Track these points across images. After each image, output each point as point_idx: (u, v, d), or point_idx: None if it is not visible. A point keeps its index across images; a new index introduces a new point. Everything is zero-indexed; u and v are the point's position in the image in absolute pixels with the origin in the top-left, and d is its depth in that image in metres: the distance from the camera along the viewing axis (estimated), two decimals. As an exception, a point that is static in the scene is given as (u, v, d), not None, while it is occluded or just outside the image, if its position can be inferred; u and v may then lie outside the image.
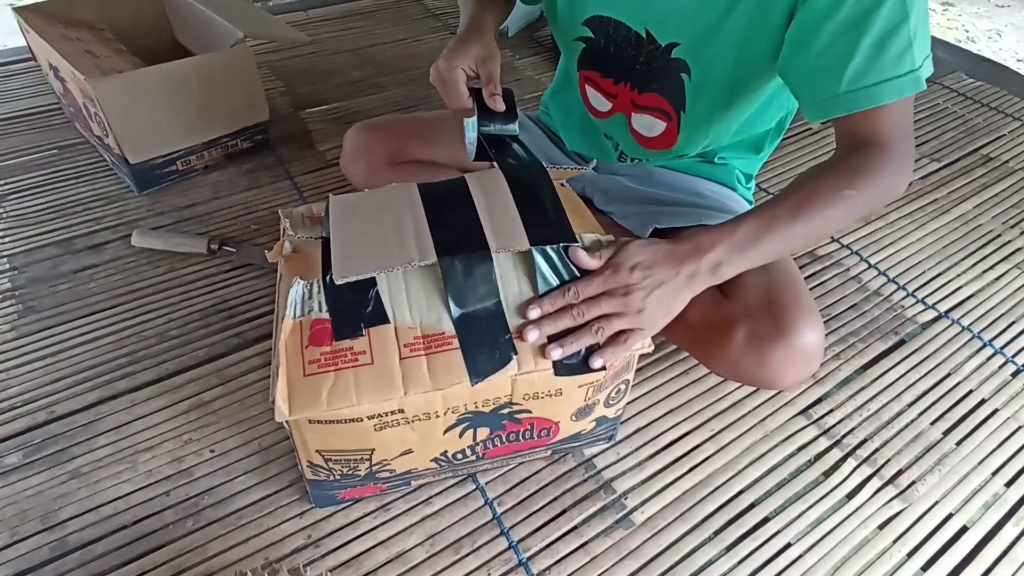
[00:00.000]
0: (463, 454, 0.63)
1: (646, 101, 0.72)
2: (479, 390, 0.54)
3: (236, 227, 1.03)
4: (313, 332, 0.53)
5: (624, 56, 0.70)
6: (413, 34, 1.63)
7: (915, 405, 0.81)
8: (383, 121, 0.94)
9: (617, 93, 0.74)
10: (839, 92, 0.56)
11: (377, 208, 0.59)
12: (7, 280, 0.93)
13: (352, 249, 0.54)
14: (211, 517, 0.68)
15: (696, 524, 0.69)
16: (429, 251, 0.53)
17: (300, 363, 0.52)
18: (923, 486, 0.73)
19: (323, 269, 0.54)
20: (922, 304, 0.94)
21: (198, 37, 1.21)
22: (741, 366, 0.67)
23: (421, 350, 0.53)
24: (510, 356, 0.54)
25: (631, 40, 0.68)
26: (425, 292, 0.55)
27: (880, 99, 0.55)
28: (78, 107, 1.07)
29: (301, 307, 0.53)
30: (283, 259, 0.60)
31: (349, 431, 0.54)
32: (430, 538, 0.66)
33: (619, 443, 0.75)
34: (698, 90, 0.67)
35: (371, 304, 0.53)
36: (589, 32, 0.71)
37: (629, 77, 0.71)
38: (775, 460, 0.75)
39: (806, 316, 0.65)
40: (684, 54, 0.65)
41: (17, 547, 0.65)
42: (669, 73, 0.67)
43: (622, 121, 0.76)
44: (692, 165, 0.81)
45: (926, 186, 1.16)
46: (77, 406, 0.77)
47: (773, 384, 0.69)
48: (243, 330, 0.87)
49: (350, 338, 0.53)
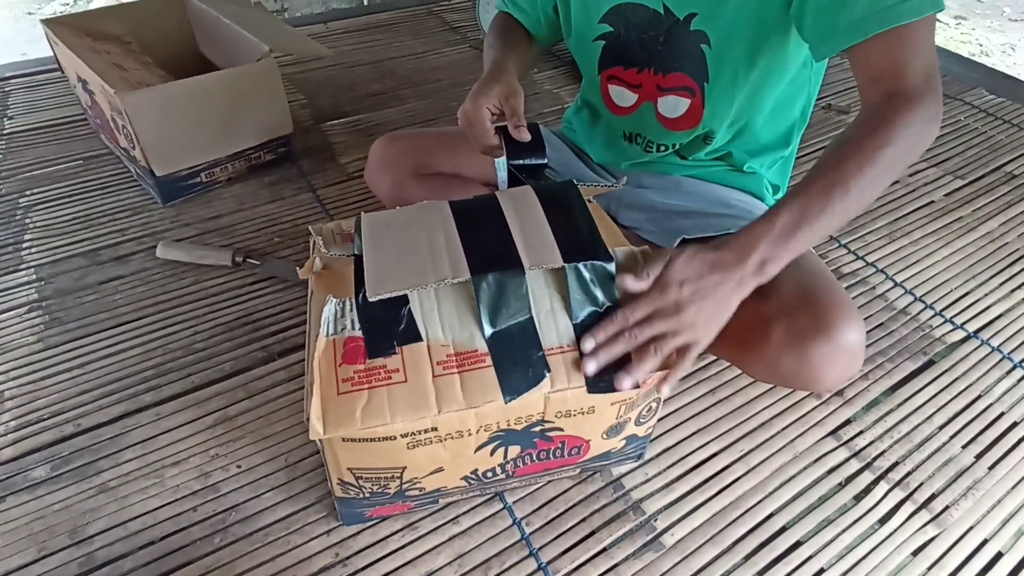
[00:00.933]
0: (493, 472, 0.63)
1: (670, 82, 0.73)
2: (512, 408, 0.54)
3: (259, 239, 1.04)
4: (347, 350, 0.52)
5: (646, 39, 0.72)
6: (432, 47, 1.64)
7: (946, 428, 0.80)
8: (408, 134, 0.95)
9: (641, 82, 0.75)
10: (856, 18, 0.55)
11: (409, 225, 0.59)
12: (34, 291, 0.93)
13: (385, 266, 0.54)
14: (238, 534, 0.67)
15: (727, 547, 0.68)
16: (462, 268, 0.53)
17: (334, 381, 0.52)
18: (957, 511, 0.72)
19: (356, 287, 0.54)
20: (950, 324, 0.93)
21: (222, 50, 1.22)
22: (781, 365, 0.65)
23: (454, 368, 0.53)
24: (543, 373, 0.53)
25: (650, 20, 0.70)
26: (458, 310, 0.54)
27: (900, 18, 0.54)
28: (105, 119, 1.08)
29: (334, 325, 0.53)
30: (314, 276, 0.60)
31: (382, 449, 0.54)
32: (458, 558, 0.66)
33: (647, 463, 0.75)
34: (719, 58, 0.68)
35: (404, 322, 0.53)
36: (608, 27, 0.73)
37: (651, 61, 0.73)
38: (805, 482, 0.74)
39: (847, 312, 0.64)
40: (702, 24, 0.67)
41: (45, 562, 0.65)
42: (690, 46, 0.69)
43: (649, 110, 0.77)
44: (721, 174, 0.81)
45: (950, 203, 1.15)
46: (103, 419, 0.77)
47: (814, 383, 0.66)
48: (268, 343, 0.87)
49: (383, 356, 0.52)
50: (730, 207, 0.80)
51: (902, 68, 0.55)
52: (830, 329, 0.63)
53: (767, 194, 0.82)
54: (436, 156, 0.90)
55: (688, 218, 0.79)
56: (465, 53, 1.61)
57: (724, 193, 0.81)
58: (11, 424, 0.76)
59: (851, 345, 0.64)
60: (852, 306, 0.66)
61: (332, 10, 1.82)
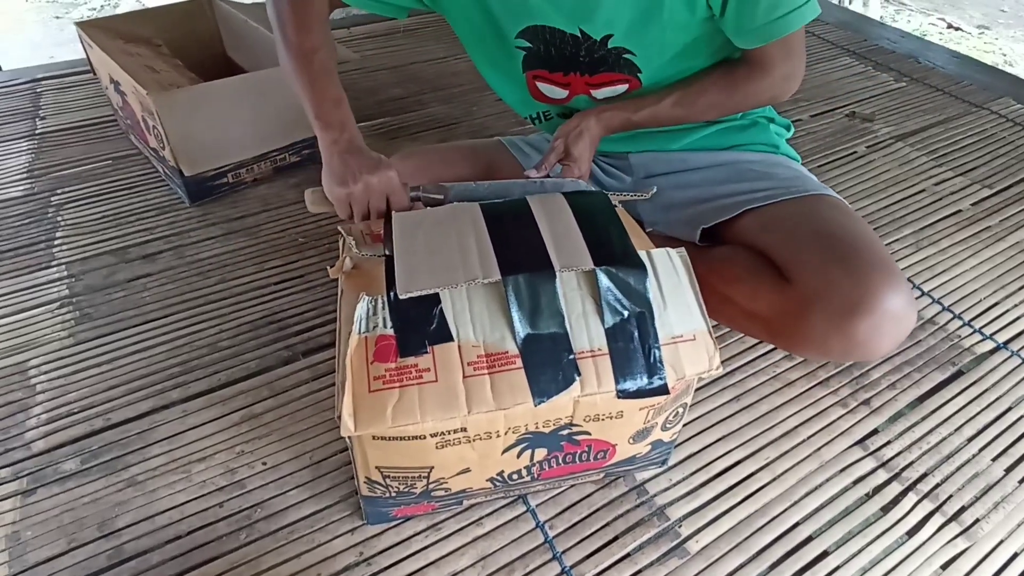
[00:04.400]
0: (519, 474, 0.63)
1: (600, 79, 0.76)
2: (541, 411, 0.53)
3: (284, 240, 1.05)
4: (378, 348, 0.53)
5: (565, 55, 0.74)
6: (454, 52, 1.65)
7: (975, 440, 0.79)
8: (421, 150, 0.96)
9: (570, 82, 0.77)
10: (755, 25, 0.66)
11: (440, 226, 0.59)
12: (65, 287, 0.95)
13: (416, 265, 0.55)
14: (263, 530, 0.68)
15: (753, 555, 0.67)
16: (493, 269, 0.54)
17: (365, 379, 0.52)
18: (987, 524, 0.71)
19: (387, 286, 0.54)
20: (979, 334, 0.92)
21: (250, 53, 1.24)
22: (830, 347, 0.64)
23: (484, 369, 0.53)
24: (573, 377, 0.53)
25: (568, 41, 0.72)
26: (488, 310, 0.54)
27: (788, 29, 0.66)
28: (136, 120, 1.10)
29: (366, 322, 0.53)
30: (344, 276, 0.60)
31: (411, 448, 0.54)
32: (482, 560, 0.66)
33: (671, 469, 0.74)
34: (648, 59, 0.73)
35: (435, 321, 0.53)
36: (526, 42, 0.75)
37: (576, 68, 0.75)
38: (832, 492, 0.73)
39: (883, 275, 0.60)
40: (621, 42, 0.70)
41: (74, 554, 0.65)
42: (613, 58, 0.72)
43: (584, 101, 0.79)
44: (725, 134, 0.82)
45: (978, 213, 1.14)
46: (132, 414, 0.78)
47: (871, 356, 0.64)
48: (293, 343, 0.88)
49: (415, 355, 0.52)
50: (743, 176, 0.79)
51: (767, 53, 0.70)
52: (869, 301, 0.59)
53: (779, 140, 0.83)
54: (450, 171, 0.91)
55: (702, 203, 0.79)
56: (487, 58, 1.62)
57: (736, 159, 0.81)
58: (42, 417, 0.78)
59: (897, 310, 0.60)
60: (888, 265, 0.62)
61: (351, 16, 1.84)
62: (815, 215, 0.71)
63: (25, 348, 0.86)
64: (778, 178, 0.77)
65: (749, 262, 0.72)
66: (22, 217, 1.07)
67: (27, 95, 1.40)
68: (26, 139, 1.26)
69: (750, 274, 0.70)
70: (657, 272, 0.57)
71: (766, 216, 0.73)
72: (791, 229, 0.70)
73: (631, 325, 0.55)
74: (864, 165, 1.25)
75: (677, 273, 0.57)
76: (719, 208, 0.76)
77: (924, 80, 1.55)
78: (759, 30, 0.67)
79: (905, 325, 0.62)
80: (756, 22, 0.66)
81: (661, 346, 0.55)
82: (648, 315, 0.55)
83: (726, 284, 0.71)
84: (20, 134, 1.28)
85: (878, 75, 1.58)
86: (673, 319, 0.56)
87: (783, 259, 0.68)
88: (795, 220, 0.71)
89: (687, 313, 0.56)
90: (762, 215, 0.73)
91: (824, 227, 0.68)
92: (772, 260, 0.70)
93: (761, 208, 0.74)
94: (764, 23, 0.66)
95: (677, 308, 0.56)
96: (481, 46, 0.81)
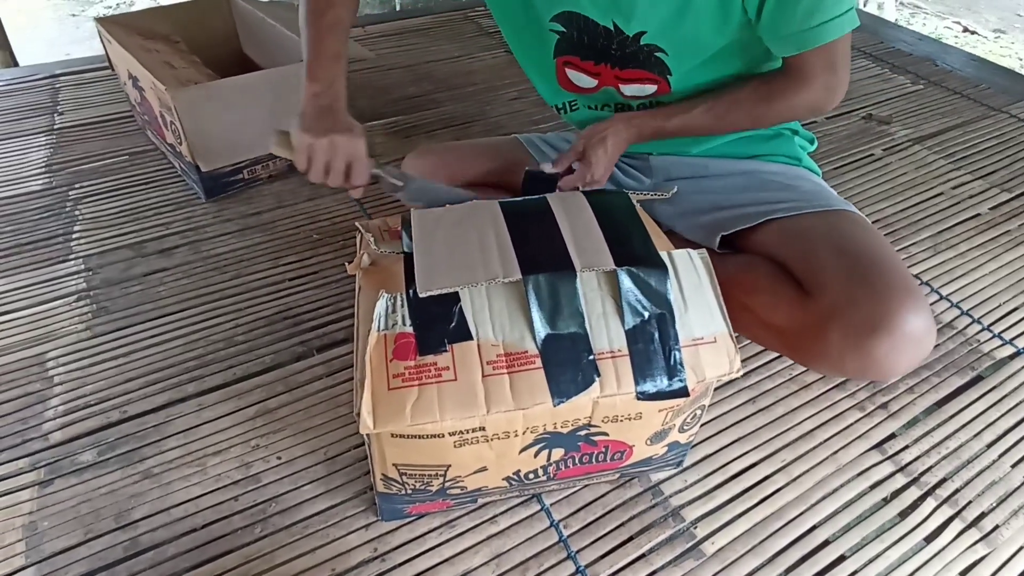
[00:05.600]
0: (535, 474, 0.62)
1: (630, 75, 0.75)
2: (560, 411, 0.53)
3: (298, 236, 1.05)
4: (397, 346, 0.52)
5: (598, 45, 0.74)
6: (468, 51, 1.65)
7: (995, 445, 0.78)
8: (442, 147, 0.96)
9: (600, 72, 0.77)
10: (792, 31, 0.65)
11: (460, 223, 0.59)
12: (83, 280, 0.96)
13: (435, 263, 0.54)
14: (278, 525, 0.68)
15: (769, 558, 0.67)
16: (513, 268, 0.53)
17: (385, 376, 0.51)
18: (1007, 530, 0.70)
19: (407, 283, 0.54)
20: (999, 339, 0.91)
21: (266, 51, 1.24)
22: (845, 364, 0.63)
23: (504, 368, 0.52)
24: (593, 378, 0.53)
25: (601, 32, 0.72)
26: (508, 309, 0.54)
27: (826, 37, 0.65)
28: (154, 115, 1.10)
29: (386, 320, 0.53)
30: (362, 272, 0.60)
31: (429, 446, 0.54)
32: (496, 558, 0.65)
33: (686, 470, 0.74)
34: (679, 59, 0.72)
35: (455, 320, 0.53)
36: (560, 26, 0.75)
37: (607, 60, 0.75)
38: (849, 496, 0.72)
39: (904, 296, 0.60)
40: (654, 39, 0.70)
41: (91, 544, 0.66)
42: (644, 55, 0.72)
43: (611, 92, 0.79)
44: (749, 144, 0.81)
45: (997, 217, 1.13)
46: (148, 407, 0.79)
47: (885, 376, 0.64)
48: (308, 338, 0.88)
49: (434, 353, 0.52)
50: (765, 186, 0.78)
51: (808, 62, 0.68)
52: (890, 321, 0.59)
53: (802, 153, 0.82)
54: (467, 169, 0.91)
55: (723, 210, 0.78)
56: (500, 58, 1.62)
57: (757, 168, 0.81)
58: (60, 409, 0.78)
59: (917, 332, 0.60)
60: (910, 286, 0.61)
61: (365, 15, 1.85)
62: (838, 231, 0.70)
63: (43, 340, 0.87)
64: (800, 191, 0.76)
65: (769, 273, 0.71)
66: (41, 211, 1.08)
67: (46, 90, 1.41)
68: (44, 134, 1.27)
69: (770, 285, 0.70)
70: (678, 273, 0.56)
71: (788, 228, 0.72)
72: (813, 243, 0.69)
73: (651, 326, 0.54)
74: (881, 168, 1.24)
75: (698, 274, 0.57)
76: (740, 216, 0.75)
77: (941, 83, 1.54)
78: (795, 36, 0.66)
79: (924, 347, 0.62)
80: (792, 28, 0.65)
81: (681, 348, 0.54)
82: (669, 317, 0.54)
83: (745, 293, 0.70)
84: (39, 129, 1.29)
85: (895, 77, 1.56)
86: (694, 321, 0.55)
87: (804, 273, 0.68)
88: (817, 234, 0.70)
89: (708, 315, 0.56)
90: (783, 226, 0.73)
91: (847, 244, 0.67)
92: (792, 272, 0.69)
93: (783, 219, 0.73)
94: (801, 29, 0.65)
95: (698, 310, 0.56)
96: (514, 26, 0.81)
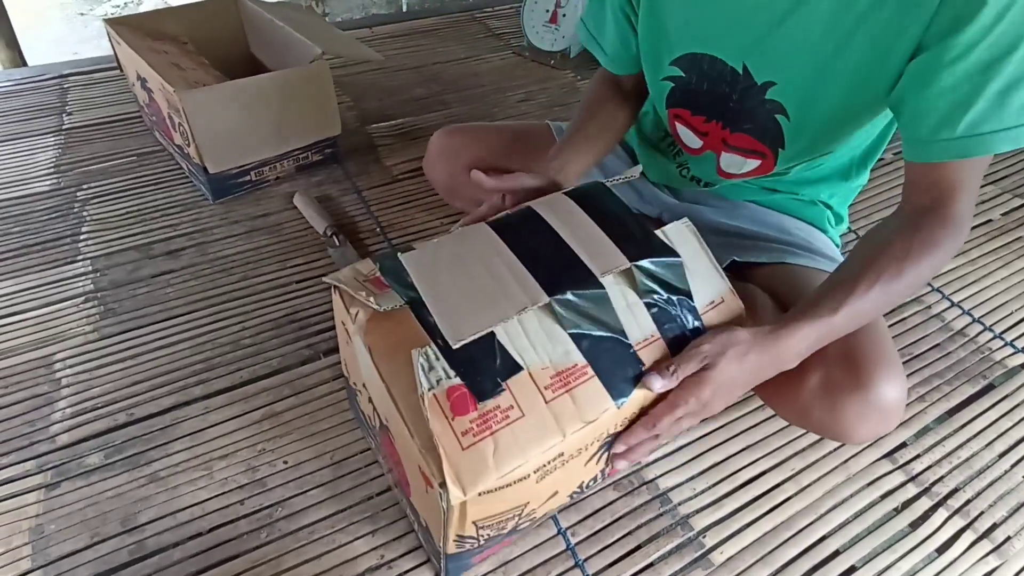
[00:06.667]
0: (595, 480, 0.61)
1: (738, 141, 0.70)
2: (623, 411, 0.53)
3: (307, 238, 1.05)
4: (452, 401, 0.48)
5: (716, 93, 0.68)
6: (475, 53, 1.65)
7: (1007, 455, 0.77)
8: (468, 127, 0.94)
9: (708, 131, 0.72)
10: (954, 136, 0.53)
11: (459, 258, 0.55)
12: (90, 282, 0.96)
13: (455, 307, 0.51)
14: (284, 529, 0.68)
15: (779, 568, 0.66)
16: (537, 292, 0.52)
17: (454, 437, 0.47)
18: (1019, 542, 0.69)
19: (431, 334, 0.50)
20: (1011, 347, 0.90)
21: (274, 52, 1.24)
22: (811, 415, 0.64)
23: (561, 388, 0.51)
24: (640, 369, 0.53)
25: (726, 76, 0.66)
26: (543, 328, 0.52)
27: (995, 148, 0.52)
28: (162, 116, 1.10)
29: (427, 379, 0.48)
30: (363, 333, 0.53)
31: (513, 492, 0.51)
32: (503, 565, 0.65)
33: (695, 478, 0.73)
34: (797, 131, 0.65)
35: (499, 356, 0.51)
36: (679, 71, 0.70)
37: (721, 115, 0.70)
38: (859, 505, 0.71)
39: (888, 368, 0.61)
40: (780, 95, 0.63)
41: (98, 548, 0.66)
42: (763, 114, 0.66)
43: (711, 159, 0.75)
44: (783, 202, 0.79)
45: (1009, 223, 1.12)
46: (154, 410, 0.79)
47: (844, 437, 0.64)
48: (314, 342, 0.88)
49: (493, 396, 0.49)
50: (789, 235, 0.77)
51: (958, 190, 0.55)
52: (867, 385, 0.60)
53: (829, 226, 0.80)
54: (493, 152, 0.90)
55: (743, 239, 0.77)
56: (508, 59, 1.62)
57: (783, 221, 0.79)
58: (67, 411, 0.78)
59: (888, 404, 0.61)
60: (895, 360, 0.63)
61: (372, 15, 1.85)
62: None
63: (51, 342, 0.87)
64: (819, 252, 0.75)
65: (766, 306, 0.70)
66: (48, 212, 1.08)
67: (54, 91, 1.42)
68: (53, 135, 1.28)
69: (764, 316, 0.69)
70: (679, 248, 0.57)
71: (796, 274, 0.71)
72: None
73: (673, 307, 0.56)
74: (891, 172, 1.23)
75: (691, 242, 0.59)
76: (758, 249, 0.74)
77: (952, 87, 1.52)
78: (956, 143, 0.53)
79: (890, 422, 0.63)
80: (956, 132, 0.52)
81: (702, 316, 0.57)
82: (686, 295, 0.56)
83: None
84: (47, 129, 1.29)
85: (905, 81, 1.55)
86: (701, 289, 0.57)
87: None
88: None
89: (710, 278, 0.58)
90: (792, 272, 0.72)
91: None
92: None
93: (794, 267, 0.72)
94: (969, 135, 0.52)
95: (702, 276, 0.58)
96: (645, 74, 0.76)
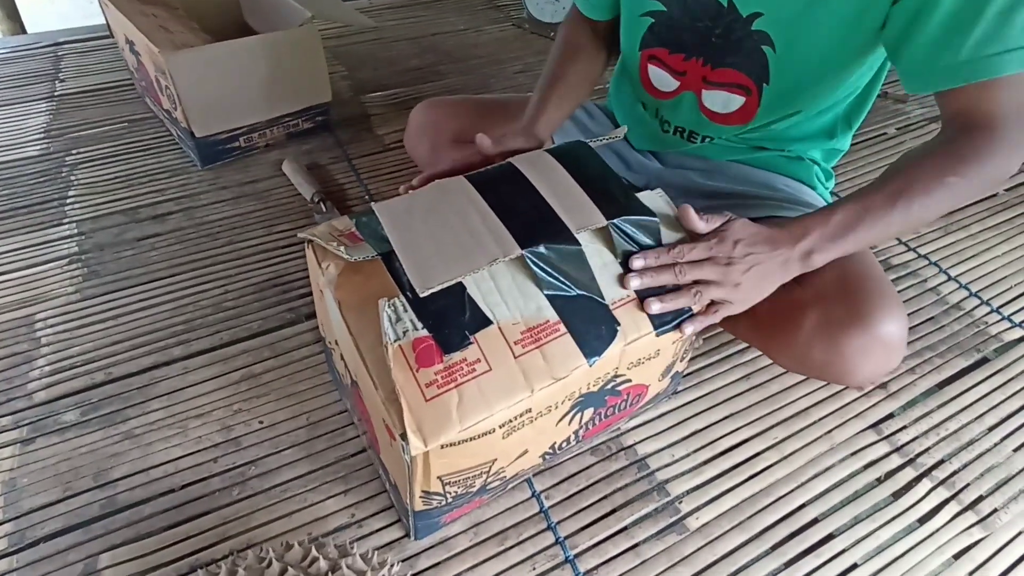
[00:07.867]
0: (567, 442, 0.60)
1: (720, 76, 0.68)
2: (595, 369, 0.51)
3: (294, 204, 1.04)
4: (418, 353, 0.47)
5: (700, 27, 0.66)
6: (474, 24, 1.62)
7: (997, 429, 0.75)
8: (448, 100, 0.93)
9: (687, 70, 0.70)
10: (958, 61, 0.52)
11: (435, 208, 0.54)
12: (75, 244, 0.95)
13: (425, 257, 0.50)
14: (256, 488, 0.67)
15: (755, 535, 0.65)
16: (511, 244, 0.51)
17: (417, 389, 0.47)
18: (1005, 515, 0.67)
19: (400, 286, 0.49)
20: (1007, 321, 0.88)
21: (266, 18, 1.22)
22: (811, 354, 0.62)
23: (532, 344, 0.50)
24: (615, 328, 0.52)
25: (710, 11, 0.64)
26: (516, 284, 0.51)
27: (1003, 70, 0.51)
28: (150, 80, 1.09)
29: (394, 329, 0.48)
30: (333, 287, 0.52)
31: (478, 447, 0.50)
32: (474, 526, 0.64)
33: (674, 444, 0.72)
34: (783, 63, 0.63)
35: (468, 309, 0.49)
36: (660, 5, 0.68)
37: (702, 51, 0.67)
38: (841, 475, 0.70)
39: (888, 302, 0.60)
40: (768, 26, 0.61)
41: (69, 502, 0.66)
42: (749, 46, 0.63)
43: (690, 100, 0.72)
44: (769, 159, 0.77)
45: (1012, 199, 1.09)
46: (133, 369, 0.79)
47: (846, 376, 0.62)
48: (296, 306, 0.87)
49: (460, 349, 0.48)
50: (775, 191, 0.75)
51: (992, 112, 0.54)
52: (867, 319, 0.59)
53: (818, 183, 0.78)
54: (475, 124, 0.88)
55: (733, 198, 0.75)
56: (507, 31, 1.59)
57: (772, 178, 0.77)
58: (46, 369, 0.78)
59: (889, 337, 0.60)
60: (894, 297, 0.61)
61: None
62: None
63: (33, 302, 0.86)
64: (809, 205, 0.73)
65: None
66: (37, 175, 1.08)
67: (48, 58, 1.41)
68: (45, 101, 1.27)
69: None
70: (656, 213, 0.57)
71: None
72: None
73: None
74: (895, 146, 1.20)
75: (663, 210, 0.58)
76: (748, 207, 0.72)
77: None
78: (962, 68, 0.52)
79: (893, 357, 0.62)
80: (960, 56, 0.52)
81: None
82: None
83: None
84: (39, 95, 1.29)
85: (913, 56, 1.51)
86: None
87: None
88: None
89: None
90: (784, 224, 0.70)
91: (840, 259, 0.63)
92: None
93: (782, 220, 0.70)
94: (973, 58, 0.51)
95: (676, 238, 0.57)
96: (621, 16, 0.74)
